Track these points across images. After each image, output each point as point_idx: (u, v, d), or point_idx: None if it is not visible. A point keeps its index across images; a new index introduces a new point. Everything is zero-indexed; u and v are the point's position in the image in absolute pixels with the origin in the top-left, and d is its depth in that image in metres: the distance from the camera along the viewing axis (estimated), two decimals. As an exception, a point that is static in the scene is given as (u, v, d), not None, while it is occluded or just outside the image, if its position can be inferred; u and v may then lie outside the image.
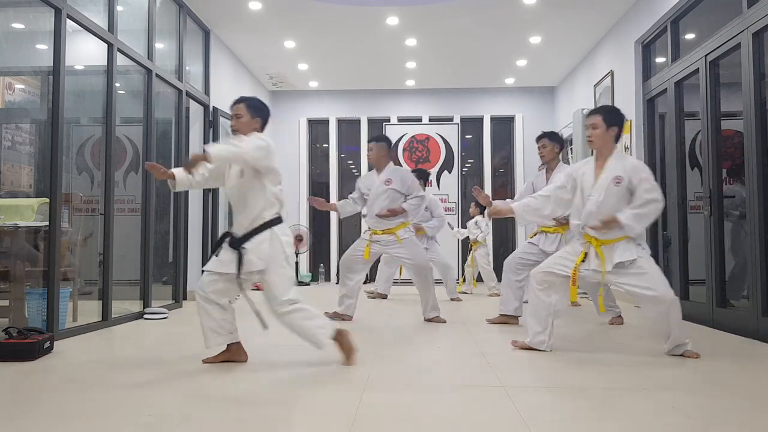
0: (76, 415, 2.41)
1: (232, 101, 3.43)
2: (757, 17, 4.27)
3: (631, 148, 6.48)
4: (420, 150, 9.80)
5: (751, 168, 4.31)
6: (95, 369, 3.26)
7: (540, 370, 3.24)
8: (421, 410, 2.49)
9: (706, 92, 5.02)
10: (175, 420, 2.32)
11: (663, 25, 5.87)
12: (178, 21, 6.39)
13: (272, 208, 3.23)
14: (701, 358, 3.49)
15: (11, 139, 5.20)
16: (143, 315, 5.33)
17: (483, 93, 10.02)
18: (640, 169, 3.52)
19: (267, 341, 3.76)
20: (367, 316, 5.56)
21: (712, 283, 4.87)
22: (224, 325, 3.32)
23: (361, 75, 9.28)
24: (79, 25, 4.55)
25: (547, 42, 7.70)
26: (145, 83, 5.68)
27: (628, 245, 3.47)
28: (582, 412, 2.48)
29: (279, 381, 3.01)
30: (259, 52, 8.18)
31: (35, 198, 4.63)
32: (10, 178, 5.11)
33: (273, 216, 3.23)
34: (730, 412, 2.48)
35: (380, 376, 3.07)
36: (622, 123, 3.68)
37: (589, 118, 3.71)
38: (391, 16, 6.89)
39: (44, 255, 4.21)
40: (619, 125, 3.64)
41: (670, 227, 5.74)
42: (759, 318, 4.18)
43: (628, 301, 6.55)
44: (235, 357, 3.37)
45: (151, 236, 5.63)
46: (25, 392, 2.77)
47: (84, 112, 5.87)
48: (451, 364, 3.41)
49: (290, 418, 2.40)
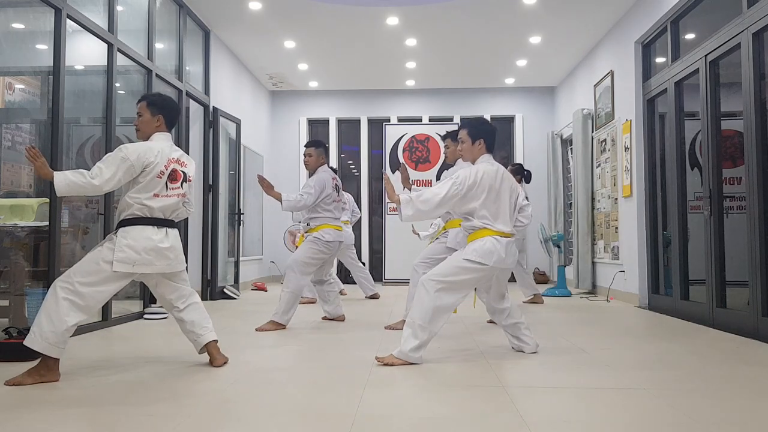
0: (76, 415, 2.41)
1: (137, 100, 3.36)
2: (757, 17, 4.28)
3: (631, 148, 6.49)
4: (420, 150, 9.79)
5: (751, 168, 4.31)
6: (95, 369, 3.26)
7: (540, 370, 3.24)
8: (420, 410, 2.50)
9: (706, 92, 5.02)
10: (175, 420, 2.32)
11: (663, 25, 5.87)
12: (178, 21, 6.39)
13: (129, 208, 3.12)
14: (701, 358, 3.49)
15: (11, 139, 5.20)
16: (143, 315, 5.33)
17: (483, 93, 10.02)
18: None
19: (266, 341, 3.76)
20: (366, 316, 5.57)
21: (712, 283, 4.87)
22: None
23: (361, 75, 9.28)
24: (79, 25, 4.55)
25: (547, 42, 7.71)
26: (145, 83, 5.68)
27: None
28: (582, 413, 2.48)
29: (279, 381, 3.02)
30: (259, 52, 8.18)
31: (35, 198, 4.63)
32: (10, 178, 5.10)
33: (126, 216, 3.13)
34: (730, 412, 2.48)
35: (380, 376, 3.07)
36: (488, 135, 3.66)
37: (458, 133, 3.76)
38: (391, 16, 6.89)
39: (44, 255, 4.20)
40: (485, 137, 3.64)
41: (670, 227, 5.74)
42: (759, 318, 4.18)
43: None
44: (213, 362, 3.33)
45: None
46: (25, 392, 2.77)
47: (84, 112, 5.86)
48: (451, 364, 3.41)
49: (290, 418, 2.40)
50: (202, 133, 7.16)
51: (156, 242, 3.12)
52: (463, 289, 3.43)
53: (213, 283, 7.09)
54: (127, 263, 3.04)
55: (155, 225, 3.15)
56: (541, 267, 9.59)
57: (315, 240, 4.88)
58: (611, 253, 7.14)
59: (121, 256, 3.03)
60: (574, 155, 8.35)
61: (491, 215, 3.47)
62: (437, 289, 3.35)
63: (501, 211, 3.50)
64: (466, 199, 3.46)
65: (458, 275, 3.40)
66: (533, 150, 9.93)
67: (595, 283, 7.72)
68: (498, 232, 3.45)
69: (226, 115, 7.64)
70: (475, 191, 3.45)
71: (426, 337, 3.33)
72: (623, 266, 6.71)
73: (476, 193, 3.45)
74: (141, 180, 3.10)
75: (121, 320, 5.01)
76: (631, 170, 6.46)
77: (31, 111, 5.34)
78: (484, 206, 3.46)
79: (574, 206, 8.23)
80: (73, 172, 2.97)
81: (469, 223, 3.52)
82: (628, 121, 6.59)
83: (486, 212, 3.46)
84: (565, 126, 9.11)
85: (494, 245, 3.41)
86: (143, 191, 3.11)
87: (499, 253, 3.42)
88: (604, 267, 7.45)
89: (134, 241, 3.07)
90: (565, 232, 8.78)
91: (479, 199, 3.45)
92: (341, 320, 5.17)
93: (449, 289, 3.37)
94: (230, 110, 7.88)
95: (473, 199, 3.46)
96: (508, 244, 3.48)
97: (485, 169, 3.52)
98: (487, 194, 3.47)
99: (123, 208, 3.14)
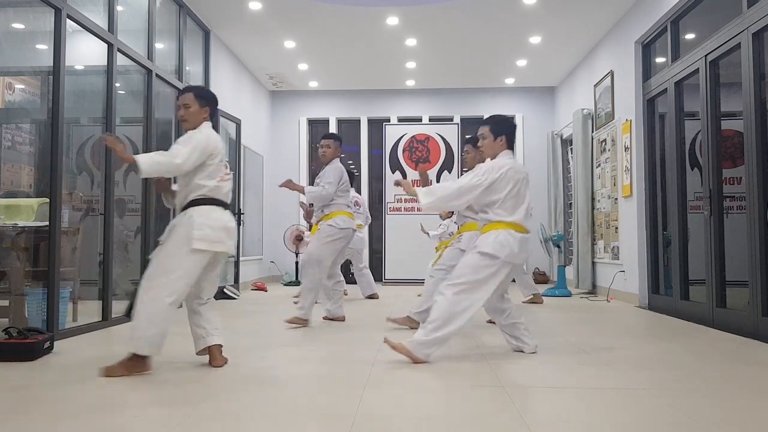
0: (76, 414, 2.41)
1: (179, 91, 3.44)
2: (757, 17, 4.27)
3: (631, 148, 6.49)
4: (420, 150, 9.80)
5: (751, 168, 4.30)
6: (95, 369, 3.26)
7: (540, 370, 3.24)
8: (420, 410, 2.50)
9: (706, 92, 5.02)
10: (175, 419, 2.32)
11: (663, 25, 5.87)
12: (178, 21, 6.39)
13: (198, 189, 3.23)
14: (701, 358, 3.49)
15: (11, 139, 5.20)
16: (143, 315, 5.31)
17: (483, 93, 10.02)
18: None
19: (266, 341, 3.76)
20: (365, 316, 5.57)
21: (712, 283, 4.87)
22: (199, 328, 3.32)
23: (361, 75, 9.28)
24: (79, 25, 4.55)
25: (547, 42, 7.70)
26: (145, 83, 5.68)
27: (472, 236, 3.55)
28: (582, 412, 2.48)
29: (279, 381, 3.01)
30: (259, 52, 8.18)
31: (35, 198, 4.63)
32: (10, 178, 5.10)
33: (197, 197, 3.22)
34: (730, 412, 2.48)
35: (380, 375, 3.07)
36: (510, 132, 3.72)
37: (479, 130, 3.78)
38: (391, 16, 6.89)
39: (44, 255, 4.21)
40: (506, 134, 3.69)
41: (670, 227, 5.74)
42: (759, 318, 4.18)
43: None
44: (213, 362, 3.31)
45: (151, 236, 5.63)
46: (25, 392, 2.77)
47: (84, 112, 5.86)
48: (452, 364, 3.41)
49: (290, 418, 2.40)
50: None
51: (225, 221, 3.25)
52: (482, 288, 3.40)
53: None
54: (206, 241, 3.13)
55: (222, 206, 3.27)
56: (541, 267, 9.58)
57: (330, 227, 4.89)
58: (611, 253, 7.14)
59: (200, 234, 3.11)
60: (574, 155, 8.35)
61: (510, 209, 3.51)
62: (454, 293, 3.37)
63: (519, 206, 3.54)
64: (489, 191, 3.50)
65: (474, 274, 3.40)
66: (533, 150, 9.92)
67: (595, 283, 7.72)
68: (513, 226, 3.48)
69: (226, 115, 7.64)
70: (499, 184, 3.50)
71: (440, 336, 3.34)
72: (623, 266, 6.71)
73: (500, 186, 3.50)
74: (210, 164, 3.23)
75: (121, 320, 5.01)
76: (631, 170, 6.46)
77: (31, 111, 5.34)
78: (505, 200, 3.51)
79: (574, 206, 8.23)
80: (154, 154, 3.09)
81: (485, 216, 3.55)
82: (628, 121, 6.59)
83: (506, 205, 3.51)
84: (565, 126, 9.11)
85: (507, 238, 3.43)
86: (212, 176, 3.24)
87: (512, 247, 3.43)
88: (604, 267, 7.45)
89: (209, 219, 3.17)
90: (565, 232, 8.78)
91: (503, 191, 3.50)
92: (341, 320, 5.17)
93: (466, 290, 3.38)
94: (230, 110, 7.88)
95: (496, 191, 3.50)
96: (522, 239, 3.50)
97: (510, 163, 3.58)
98: (511, 188, 3.52)
99: (191, 190, 3.23)
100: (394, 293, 7.75)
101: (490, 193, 3.50)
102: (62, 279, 4.32)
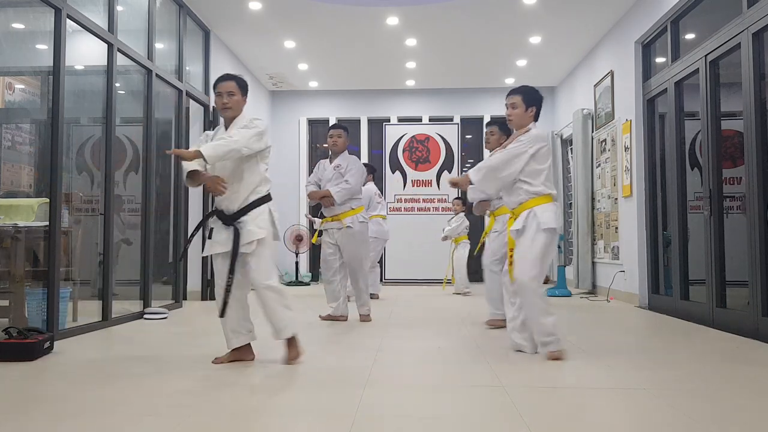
0: (76, 414, 2.41)
1: (217, 78, 3.43)
2: (757, 17, 4.27)
3: (631, 148, 6.49)
4: (420, 150, 9.80)
5: (751, 168, 4.30)
6: (95, 369, 3.26)
7: (540, 370, 3.24)
8: (420, 410, 2.49)
9: (706, 92, 5.02)
10: (175, 419, 2.32)
11: (663, 25, 5.87)
12: (178, 21, 6.39)
13: (266, 183, 3.35)
14: (701, 358, 3.49)
15: (11, 139, 5.20)
16: (143, 315, 5.33)
17: (483, 93, 10.01)
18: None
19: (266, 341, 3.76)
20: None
21: (712, 283, 4.87)
22: (243, 324, 3.36)
23: (361, 75, 9.28)
24: (79, 25, 4.55)
25: (547, 42, 7.70)
26: (145, 83, 5.68)
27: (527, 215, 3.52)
28: (582, 412, 2.48)
29: (279, 380, 3.01)
30: (259, 52, 8.18)
31: (35, 198, 4.63)
32: (10, 178, 5.10)
33: (268, 191, 3.35)
34: (730, 412, 2.48)
35: (380, 375, 3.07)
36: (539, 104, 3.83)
37: (509, 98, 3.85)
38: (391, 16, 6.89)
39: (44, 255, 4.21)
40: (536, 105, 3.80)
41: (670, 227, 5.74)
42: (759, 318, 4.18)
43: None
44: (242, 356, 3.38)
45: (151, 236, 5.63)
46: (25, 392, 2.77)
47: (84, 112, 5.86)
48: (451, 364, 3.41)
49: (290, 417, 2.40)
50: (203, 132, 7.15)
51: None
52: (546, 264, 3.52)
53: (213, 283, 7.07)
54: (277, 238, 3.38)
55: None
56: (541, 267, 9.56)
57: (362, 223, 5.17)
58: (611, 253, 7.14)
59: (274, 231, 3.31)
60: (574, 155, 8.35)
61: (552, 182, 3.62)
62: (531, 279, 3.43)
63: (552, 179, 3.63)
64: (534, 159, 3.54)
65: (544, 256, 3.48)
66: (533, 150, 9.89)
67: (595, 283, 7.72)
68: (553, 199, 3.56)
69: (226, 115, 7.63)
70: (542, 153, 3.56)
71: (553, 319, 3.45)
72: (623, 266, 6.71)
73: (543, 156, 3.56)
74: (267, 155, 3.36)
75: (121, 320, 5.01)
76: (631, 170, 6.46)
77: (31, 111, 5.34)
78: (549, 170, 3.59)
79: (574, 206, 8.23)
80: (214, 142, 3.16)
81: (530, 188, 3.55)
82: (628, 121, 6.59)
83: (550, 177, 3.60)
84: (565, 126, 9.11)
85: (556, 211, 3.53)
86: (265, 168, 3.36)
87: (560, 219, 3.56)
88: (604, 267, 7.45)
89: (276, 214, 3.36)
90: (565, 232, 8.77)
91: (545, 162, 3.57)
92: (343, 320, 5.14)
93: (541, 273, 3.48)
94: (230, 110, 7.87)
95: (539, 161, 3.55)
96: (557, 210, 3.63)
97: (546, 140, 3.67)
98: (551, 161, 3.63)
99: (260, 182, 3.30)
100: (394, 293, 7.75)
101: (534, 161, 3.54)
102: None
